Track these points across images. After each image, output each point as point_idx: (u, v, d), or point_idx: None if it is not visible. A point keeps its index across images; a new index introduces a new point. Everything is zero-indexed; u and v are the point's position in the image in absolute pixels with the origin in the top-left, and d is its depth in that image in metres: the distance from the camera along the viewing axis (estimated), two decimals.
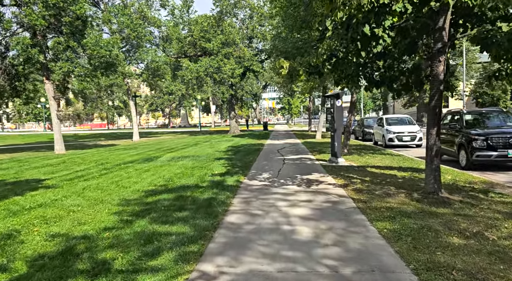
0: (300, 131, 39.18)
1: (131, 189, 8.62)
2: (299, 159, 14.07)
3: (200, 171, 11.15)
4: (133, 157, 16.33)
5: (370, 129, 25.30)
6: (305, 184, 8.80)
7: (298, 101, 59.17)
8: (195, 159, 14.80)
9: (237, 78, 33.59)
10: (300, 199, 7.18)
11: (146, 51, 30.80)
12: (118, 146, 24.82)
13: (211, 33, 33.62)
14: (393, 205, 6.40)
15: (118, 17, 28.71)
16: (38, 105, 65.67)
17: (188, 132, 47.64)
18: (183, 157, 15.84)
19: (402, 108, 54.88)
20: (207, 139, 29.76)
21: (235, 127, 38.34)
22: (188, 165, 12.87)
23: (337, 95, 12.06)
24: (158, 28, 32.93)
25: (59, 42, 19.02)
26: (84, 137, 40.71)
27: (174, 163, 13.45)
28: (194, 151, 18.43)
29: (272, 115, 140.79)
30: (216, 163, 12.99)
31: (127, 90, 31.92)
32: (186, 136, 37.55)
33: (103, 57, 19.90)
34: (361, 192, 7.58)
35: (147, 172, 11.26)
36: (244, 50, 33.43)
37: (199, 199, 7.30)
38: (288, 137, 28.65)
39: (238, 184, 8.96)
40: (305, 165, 12.25)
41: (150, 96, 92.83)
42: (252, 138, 29.16)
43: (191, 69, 32.99)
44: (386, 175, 9.62)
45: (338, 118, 12.08)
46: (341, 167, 11.28)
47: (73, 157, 17.43)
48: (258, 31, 35.01)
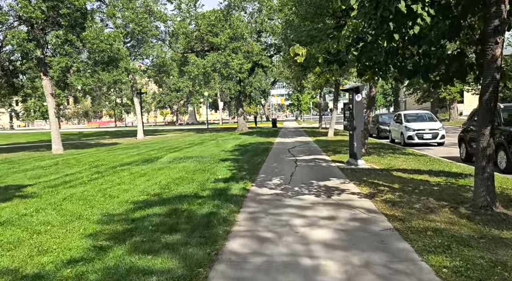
0: (310, 128, 37.74)
1: (119, 199, 7.36)
2: (312, 160, 12.71)
3: (202, 176, 9.86)
4: (132, 158, 15.12)
5: (385, 126, 23.82)
6: (324, 193, 7.46)
7: (308, 97, 57.60)
8: (198, 160, 13.53)
9: (245, 73, 32.24)
10: (320, 216, 5.84)
11: (152, 46, 29.60)
12: (120, 145, 23.70)
13: (219, 27, 32.27)
14: (440, 226, 5.04)
15: (123, 11, 27.54)
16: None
17: (195, 129, 46.49)
18: (186, 157, 14.59)
19: (416, 104, 52.98)
20: (213, 137, 28.51)
21: (243, 124, 37.05)
22: (190, 167, 11.59)
23: (356, 88, 10.67)
24: (164, 22, 31.71)
25: (57, 35, 17.87)
26: (88, 135, 39.77)
27: (175, 166, 12.18)
28: (199, 151, 17.17)
29: (281, 111, 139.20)
30: (221, 166, 11.69)
31: (131, 87, 30.81)
32: (193, 133, 36.36)
33: (104, 52, 18.71)
34: (394, 206, 6.21)
35: (142, 177, 10.00)
36: (252, 44, 32.05)
37: (196, 215, 6.01)
38: (298, 135, 27.27)
39: (244, 193, 7.65)
40: (320, 168, 10.90)
41: (158, 93, 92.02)
42: (260, 136, 27.84)
43: (198, 65, 31.71)
44: (417, 181, 8.23)
45: (358, 114, 10.70)
46: (362, 171, 9.90)
47: (69, 158, 16.29)
48: (267, 25, 33.57)
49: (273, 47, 37.11)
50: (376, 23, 6.29)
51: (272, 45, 37.22)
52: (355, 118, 10.65)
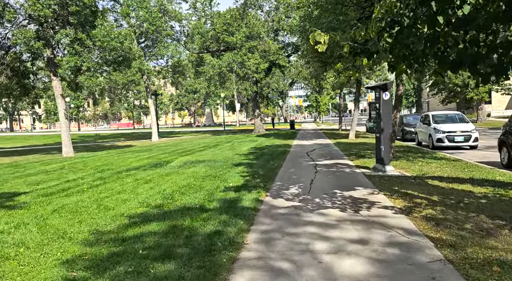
0: (329, 130, 36.45)
1: (114, 212, 6.45)
2: (334, 165, 11.60)
3: (212, 183, 8.89)
4: (141, 162, 14.29)
5: (410, 127, 22.43)
6: (350, 206, 6.37)
7: (327, 98, 56.23)
8: (210, 165, 12.58)
9: (262, 73, 31.27)
10: (348, 238, 4.77)
11: (166, 47, 28.94)
12: (133, 148, 23.03)
13: (235, 26, 31.41)
14: (507, 256, 3.90)
15: (137, 11, 26.98)
16: None
17: (212, 131, 45.78)
18: (198, 161, 13.67)
19: (440, 105, 50.95)
20: (229, 139, 27.60)
21: (260, 126, 36.05)
22: (200, 173, 10.64)
23: (384, 86, 9.52)
24: (179, 22, 31.03)
25: (66, 34, 17.29)
26: (104, 137, 39.49)
27: (184, 171, 11.26)
28: (212, 154, 16.25)
29: (299, 113, 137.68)
30: (233, 171, 10.70)
31: (146, 88, 30.22)
32: (209, 136, 35.58)
33: (114, 50, 18.02)
34: (439, 225, 5.09)
35: (146, 185, 9.10)
36: (269, 43, 31.05)
37: (198, 235, 5.02)
38: (317, 137, 26.09)
39: (257, 205, 6.63)
40: (343, 174, 9.78)
41: (175, 95, 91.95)
42: (277, 138, 26.79)
43: (213, 65, 30.91)
44: (459, 192, 7.05)
45: (386, 115, 9.54)
46: (391, 179, 8.74)
47: (77, 161, 15.60)
48: (285, 23, 32.52)
49: (291, 46, 36.06)
50: (415, 3, 5.19)
51: (289, 44, 36.18)
52: (382, 119, 9.51)
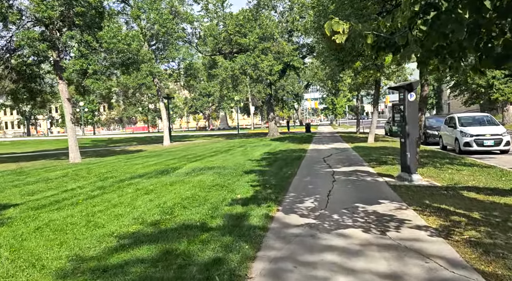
0: (346, 133, 35.28)
1: (103, 231, 5.65)
2: (353, 172, 10.62)
3: (218, 194, 8.04)
4: (148, 169, 13.56)
5: (433, 130, 21.21)
6: (375, 224, 5.42)
7: (344, 100, 54.92)
8: (219, 172, 11.74)
9: (276, 75, 30.38)
10: (376, 271, 3.84)
11: (177, 49, 28.35)
12: (143, 153, 22.40)
13: (247, 27, 30.64)
14: None
15: (148, 13, 26.47)
16: (77, 109, 65.97)
17: (226, 135, 45.07)
18: (207, 168, 12.86)
19: (463, 106, 49.16)
20: (242, 143, 26.77)
21: (274, 130, 35.13)
22: (207, 182, 9.81)
23: (409, 86, 8.53)
24: (191, 24, 30.43)
25: (72, 36, 16.77)
26: (117, 142, 39.16)
27: (190, 179, 10.45)
28: (222, 160, 15.42)
29: (315, 116, 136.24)
30: (243, 180, 9.83)
31: (157, 91, 29.70)
32: (222, 139, 34.84)
33: (121, 52, 17.42)
34: (488, 253, 4.11)
35: (146, 196, 8.30)
36: (283, 44, 30.16)
37: (194, 264, 4.16)
38: (334, 141, 25.04)
39: (266, 223, 5.74)
40: (364, 184, 8.80)
41: (189, 98, 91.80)
42: (292, 142, 25.84)
43: (226, 67, 30.18)
44: (502, 207, 6.03)
45: (412, 118, 8.54)
46: (420, 189, 7.73)
47: (82, 168, 14.97)
48: (299, 23, 31.58)
49: (306, 48, 35.09)
50: None
51: (304, 45, 35.20)
52: (408, 123, 8.50)
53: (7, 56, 17.03)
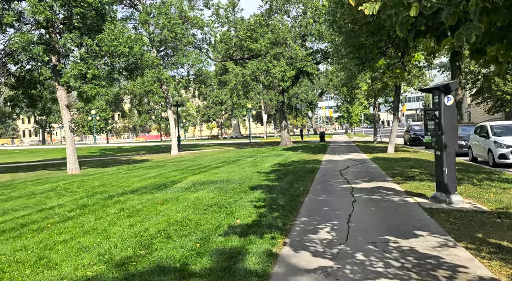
0: (363, 142, 33.57)
1: (52, 274, 4.29)
2: (376, 190, 9.09)
3: (214, 218, 6.64)
4: (144, 182, 12.26)
5: (461, 140, 19.41)
6: (417, 273, 3.92)
7: (359, 108, 53.16)
8: (221, 187, 10.35)
9: (289, 82, 29.00)
10: None
11: (186, 55, 27.23)
12: (148, 163, 21.18)
13: (259, 32, 29.43)
14: None
15: (156, 17, 25.47)
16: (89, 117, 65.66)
17: (237, 144, 43.74)
18: (209, 182, 11.49)
19: (486, 114, 46.86)
20: (252, 153, 25.37)
21: (287, 139, 33.65)
22: (204, 200, 8.42)
23: (446, 87, 7.03)
24: (201, 29, 29.35)
25: (71, 38, 15.73)
26: (126, 150, 38.21)
27: (187, 196, 9.07)
28: (228, 172, 14.04)
29: (329, 124, 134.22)
30: (246, 199, 8.40)
31: (165, 99, 28.62)
32: (233, 148, 33.51)
33: (122, 56, 16.30)
34: None
35: (129, 219, 6.95)
36: (296, 48, 28.82)
37: None
38: (350, 151, 23.42)
39: (267, 266, 4.30)
40: (392, 206, 7.28)
41: (202, 107, 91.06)
42: (306, 151, 24.32)
43: (236, 73, 28.97)
44: None
45: (449, 125, 7.02)
46: (464, 216, 6.18)
47: (75, 180, 13.77)
48: (313, 27, 30.24)
49: (320, 53, 33.67)
50: None
51: (318, 51, 33.79)
52: (444, 132, 6.98)
53: (2, 60, 16.05)
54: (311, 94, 74.23)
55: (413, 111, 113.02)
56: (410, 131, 30.90)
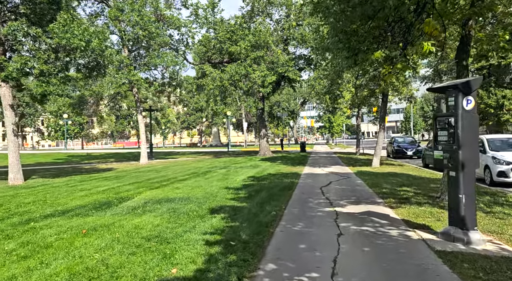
0: (345, 154, 32.00)
1: None
2: (366, 216, 7.26)
3: (142, 264, 4.64)
4: (88, 199, 10.13)
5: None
6: None
7: (341, 118, 51.85)
8: (175, 209, 8.35)
9: (269, 87, 27.20)
10: None
11: (160, 55, 25.14)
12: (109, 173, 18.93)
13: (239, 34, 27.63)
14: None
15: (127, 14, 23.33)
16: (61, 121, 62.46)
17: (215, 152, 41.60)
18: (164, 200, 9.47)
19: None
20: (227, 163, 23.38)
21: (266, 148, 31.76)
22: (145, 230, 6.41)
23: (465, 85, 5.26)
24: (178, 29, 27.32)
25: (15, 27, 13.54)
26: (95, 158, 35.63)
27: (126, 222, 7.04)
28: (192, 187, 12.01)
29: (311, 134, 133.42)
30: (200, 229, 6.43)
31: (135, 102, 26.38)
32: (208, 157, 31.42)
33: (79, 51, 14.17)
34: None
35: (25, 261, 4.89)
36: (278, 52, 27.10)
37: None
38: (332, 163, 21.71)
39: None
40: (391, 247, 5.41)
41: (182, 113, 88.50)
42: (285, 163, 22.49)
43: (214, 77, 27.03)
44: None
45: (469, 137, 5.24)
46: (498, 267, 4.36)
47: (6, 195, 11.50)
48: (296, 31, 28.63)
49: (303, 59, 32.11)
50: None
51: (301, 56, 32.24)
52: (462, 145, 5.20)
53: None
54: (293, 103, 72.87)
55: (393, 123, 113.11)
56: (394, 143, 29.51)
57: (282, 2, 29.96)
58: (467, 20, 7.48)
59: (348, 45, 6.12)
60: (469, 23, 7.55)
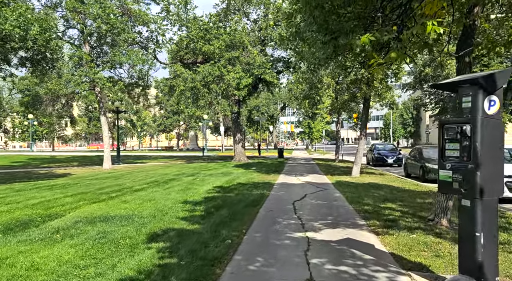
0: (323, 160, 30.65)
1: None
2: (345, 248, 5.69)
3: None
4: (6, 216, 8.23)
5: (434, 164, 16.74)
6: None
7: (321, 124, 50.70)
8: (108, 233, 6.59)
9: (244, 90, 25.61)
10: None
11: (125, 52, 23.21)
12: (61, 179, 16.86)
13: (213, 32, 25.97)
14: None
15: (88, 6, 21.31)
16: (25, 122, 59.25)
17: (189, 157, 39.63)
18: (102, 219, 7.69)
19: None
20: (198, 169, 21.60)
21: (241, 154, 30.06)
22: (49, 267, 4.64)
23: (489, 80, 3.74)
24: (146, 25, 25.43)
25: None
26: (58, 161, 33.17)
27: (31, 254, 5.25)
28: (143, 201, 10.22)
29: (291, 139, 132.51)
30: (125, 266, 4.70)
31: (98, 103, 24.31)
32: (179, 163, 29.52)
33: (16, 40, 12.20)
34: None
35: None
36: (254, 53, 25.54)
37: None
38: (310, 171, 20.22)
39: None
40: None
41: (158, 116, 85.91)
42: (259, 170, 20.88)
43: (185, 77, 25.25)
44: None
45: (490, 152, 3.72)
46: None
47: None
48: (274, 31, 27.16)
49: (281, 62, 30.69)
50: None
51: (280, 59, 30.80)
52: (481, 163, 3.67)
53: None
54: (273, 108, 71.59)
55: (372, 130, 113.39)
56: (374, 150, 28.36)
57: (260, 0, 28.50)
58: (472, 7, 6.06)
59: (326, 26, 4.60)
60: (475, 11, 6.13)
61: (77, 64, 21.05)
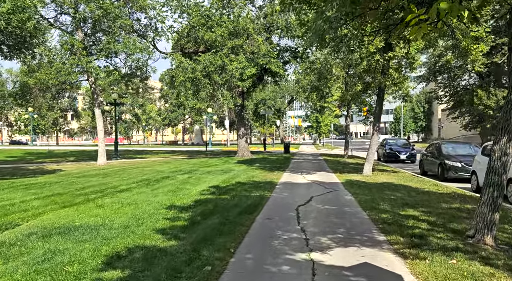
0: (332, 156, 29.05)
1: None
2: (364, 278, 4.18)
3: None
4: None
5: (455, 161, 15.21)
6: None
7: (329, 118, 48.94)
8: (56, 253, 5.16)
9: (248, 81, 24.03)
10: None
11: (121, 40, 21.79)
12: (46, 176, 15.55)
13: (216, 19, 24.37)
14: None
15: None
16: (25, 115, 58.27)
17: (192, 152, 38.22)
18: (61, 231, 6.29)
19: (462, 130, 43.66)
20: (196, 166, 20.17)
21: (244, 149, 28.56)
22: None
23: None
24: (144, 11, 23.92)
25: None
26: (55, 155, 32.02)
27: None
28: (122, 204, 8.78)
29: (298, 134, 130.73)
30: None
31: (92, 94, 22.96)
32: (180, 158, 28.15)
33: None
34: None
35: None
36: (259, 40, 23.91)
37: None
38: (317, 168, 18.68)
39: None
40: None
41: (163, 110, 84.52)
42: (262, 166, 19.39)
43: (185, 67, 23.75)
44: None
45: None
46: None
47: None
48: (280, 17, 25.45)
49: (289, 52, 29.02)
50: None
51: (287, 48, 29.14)
52: None
53: None
54: (280, 101, 69.88)
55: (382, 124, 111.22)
56: (386, 145, 26.75)
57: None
58: None
59: None
60: None
61: (69, 52, 19.65)
